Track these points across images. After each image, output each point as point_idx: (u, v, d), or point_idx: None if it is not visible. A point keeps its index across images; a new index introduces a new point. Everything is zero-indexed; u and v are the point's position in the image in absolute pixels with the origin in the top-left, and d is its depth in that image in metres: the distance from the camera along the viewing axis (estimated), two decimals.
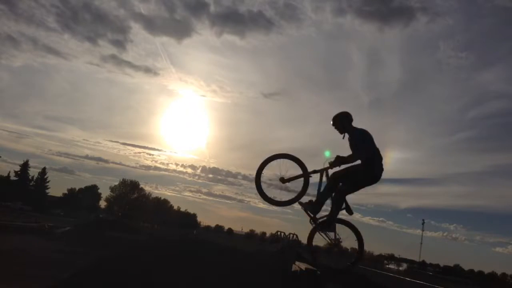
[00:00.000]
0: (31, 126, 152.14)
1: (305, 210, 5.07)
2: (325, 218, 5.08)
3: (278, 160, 5.13)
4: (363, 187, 5.04)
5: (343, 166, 4.99)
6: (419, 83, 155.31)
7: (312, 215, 5.07)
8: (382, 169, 4.97)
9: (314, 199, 5.08)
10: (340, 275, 5.38)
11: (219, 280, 10.41)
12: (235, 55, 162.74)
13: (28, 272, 9.24)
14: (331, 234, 5.16)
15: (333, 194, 4.99)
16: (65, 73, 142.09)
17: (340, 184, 5.01)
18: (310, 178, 5.09)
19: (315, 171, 5.04)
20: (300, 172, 5.08)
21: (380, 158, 4.99)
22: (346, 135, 5.13)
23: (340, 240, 5.20)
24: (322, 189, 5.05)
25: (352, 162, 4.91)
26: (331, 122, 5.21)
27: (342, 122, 5.10)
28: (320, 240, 5.22)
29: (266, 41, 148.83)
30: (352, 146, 5.05)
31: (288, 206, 5.39)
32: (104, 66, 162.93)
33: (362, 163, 4.92)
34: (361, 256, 5.16)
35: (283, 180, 5.02)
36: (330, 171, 5.00)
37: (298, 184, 5.08)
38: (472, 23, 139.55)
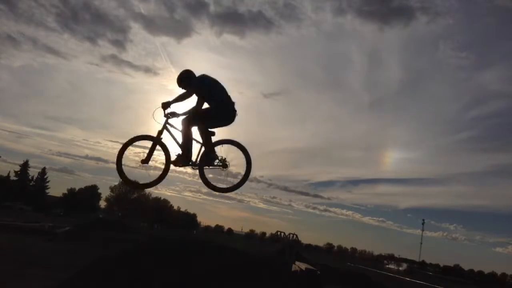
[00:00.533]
0: (31, 126, 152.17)
1: (181, 166, 5.06)
2: (202, 152, 5.08)
3: (132, 146, 5.12)
4: (218, 125, 5.12)
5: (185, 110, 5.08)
6: (419, 83, 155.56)
7: (189, 164, 5.05)
8: (233, 109, 5.09)
9: (180, 153, 5.04)
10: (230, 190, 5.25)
11: (219, 280, 10.42)
12: (235, 55, 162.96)
13: (28, 272, 9.24)
14: (216, 161, 5.09)
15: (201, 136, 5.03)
16: (65, 73, 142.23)
17: (198, 126, 5.05)
18: (163, 140, 5.05)
19: (159, 131, 5.03)
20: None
21: (226, 95, 5.09)
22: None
23: (224, 158, 5.07)
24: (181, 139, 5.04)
25: (181, 100, 5.01)
26: (177, 84, 5.21)
27: (186, 81, 5.12)
28: (215, 174, 5.15)
29: (266, 41, 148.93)
30: (198, 94, 5.14)
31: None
32: (104, 66, 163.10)
33: (208, 102, 5.07)
34: (249, 169, 5.04)
35: (143, 161, 5.01)
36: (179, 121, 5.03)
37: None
38: (472, 23, 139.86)
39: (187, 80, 5.12)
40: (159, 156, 5.09)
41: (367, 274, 31.83)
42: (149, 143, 5.07)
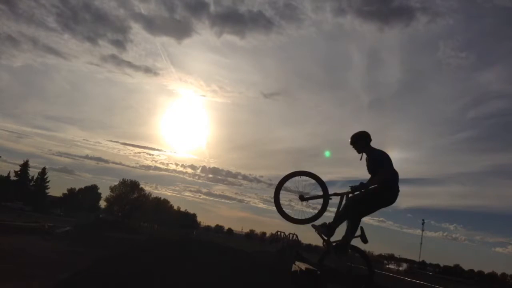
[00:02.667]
0: (31, 126, 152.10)
1: (319, 233, 4.97)
2: (339, 241, 4.98)
3: (300, 177, 5.10)
4: (378, 209, 4.98)
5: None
6: (419, 83, 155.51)
7: (326, 238, 4.96)
8: (398, 191, 4.94)
9: (327, 221, 4.97)
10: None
11: (219, 280, 10.41)
12: (235, 55, 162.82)
13: (28, 272, 9.23)
14: (344, 259, 5.05)
15: (349, 217, 4.88)
16: (65, 73, 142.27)
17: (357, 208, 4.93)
18: (330, 201, 5.03)
19: (336, 194, 4.99)
20: (320, 192, 5.02)
21: (397, 180, 4.94)
22: (364, 155, 5.06)
23: (352, 268, 5.08)
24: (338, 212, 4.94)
25: (371, 186, 4.82)
26: (350, 141, 5.12)
27: (361, 142, 5.03)
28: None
29: (266, 41, 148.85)
30: (369, 167, 5.00)
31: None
32: (104, 66, 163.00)
33: (379, 186, 4.84)
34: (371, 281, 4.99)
35: (302, 197, 5.01)
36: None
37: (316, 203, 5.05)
38: (472, 23, 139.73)
39: (365, 142, 4.99)
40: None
41: (367, 274, 31.77)
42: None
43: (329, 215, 5.11)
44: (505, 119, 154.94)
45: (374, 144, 5.22)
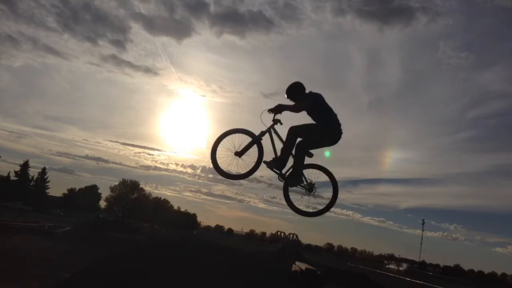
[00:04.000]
0: (31, 126, 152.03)
1: (271, 168, 5.06)
2: (291, 170, 5.10)
3: (230, 136, 5.15)
4: (321, 143, 5.16)
5: (300, 122, 5.12)
6: (419, 83, 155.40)
7: (278, 172, 5.05)
8: (339, 131, 5.13)
9: (276, 157, 5.10)
10: (312, 216, 5.29)
11: (219, 280, 10.41)
12: (235, 55, 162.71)
13: (28, 272, 9.24)
14: (303, 183, 5.12)
15: (294, 148, 5.06)
16: (65, 73, 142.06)
17: (300, 139, 5.10)
18: (262, 142, 5.10)
19: (262, 132, 5.08)
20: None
21: (335, 118, 5.15)
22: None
23: (313, 183, 5.11)
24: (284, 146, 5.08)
25: (295, 111, 5.05)
26: (286, 96, 5.26)
27: (296, 93, 5.17)
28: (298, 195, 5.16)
29: (266, 41, 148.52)
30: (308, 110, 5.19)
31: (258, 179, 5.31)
32: (104, 66, 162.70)
33: (317, 121, 5.11)
34: (335, 197, 5.09)
35: (237, 153, 5.04)
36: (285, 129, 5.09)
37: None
38: (472, 23, 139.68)
39: (299, 93, 5.13)
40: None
41: (367, 274, 31.82)
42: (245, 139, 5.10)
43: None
44: (505, 119, 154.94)
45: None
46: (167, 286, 9.19)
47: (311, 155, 5.11)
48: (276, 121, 5.07)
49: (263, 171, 5.29)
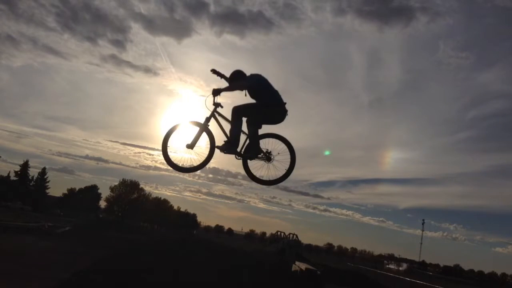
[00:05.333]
0: (31, 126, 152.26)
1: (225, 152, 5.12)
2: (246, 144, 5.15)
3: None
4: (266, 122, 5.21)
5: (243, 102, 5.16)
6: (419, 83, 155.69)
7: (233, 152, 5.11)
8: (283, 109, 5.17)
9: (227, 140, 5.14)
10: (272, 184, 5.33)
11: (219, 280, 10.41)
12: (235, 55, 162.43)
13: (28, 272, 9.24)
14: (260, 154, 5.15)
15: (239, 124, 5.12)
16: (65, 73, 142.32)
17: (245, 118, 5.17)
18: (209, 127, 5.13)
19: (207, 118, 5.13)
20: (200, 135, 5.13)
21: (277, 97, 5.19)
22: (246, 92, 5.27)
23: (269, 151, 5.14)
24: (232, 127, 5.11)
25: (230, 90, 5.12)
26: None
27: (236, 80, 5.24)
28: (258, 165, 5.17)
29: (266, 41, 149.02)
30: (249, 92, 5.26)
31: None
32: (104, 66, 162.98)
33: (258, 100, 5.16)
34: (293, 163, 5.10)
35: (188, 146, 5.08)
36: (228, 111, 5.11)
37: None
38: (472, 23, 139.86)
39: (239, 76, 5.24)
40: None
41: (367, 274, 31.82)
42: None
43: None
44: (505, 119, 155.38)
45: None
46: (167, 286, 9.19)
47: (259, 127, 5.18)
48: (216, 105, 5.12)
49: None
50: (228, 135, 5.10)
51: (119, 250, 14.85)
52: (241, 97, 5.21)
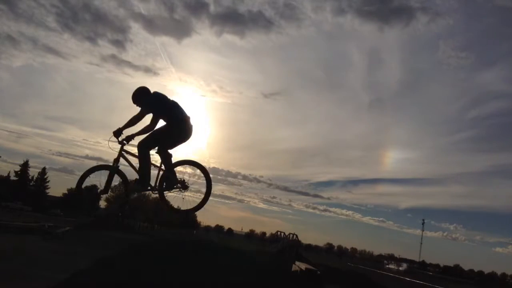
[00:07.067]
0: (31, 126, 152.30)
1: (139, 191, 5.11)
2: (161, 175, 5.02)
3: (92, 175, 5.10)
4: (177, 144, 5.03)
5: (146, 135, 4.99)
6: (419, 83, 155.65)
7: (147, 189, 5.00)
8: (188, 126, 5.00)
9: (137, 178, 5.01)
10: (193, 212, 5.24)
11: (219, 280, 10.41)
12: (235, 55, 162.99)
13: (28, 272, 9.23)
14: (176, 184, 5.06)
15: (148, 159, 4.94)
16: (65, 73, 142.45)
17: (156, 148, 4.99)
18: (119, 168, 5.01)
19: (115, 160, 4.98)
20: (105, 177, 5.00)
21: (180, 115, 4.99)
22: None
23: (184, 180, 5.08)
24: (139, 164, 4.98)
25: (133, 123, 4.90)
26: (132, 102, 5.11)
27: (143, 98, 5.02)
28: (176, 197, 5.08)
29: (266, 41, 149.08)
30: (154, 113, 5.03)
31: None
32: (104, 66, 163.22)
33: (164, 121, 4.95)
34: (209, 188, 5.06)
35: (102, 192, 5.05)
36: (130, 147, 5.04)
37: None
38: (472, 23, 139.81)
39: (141, 97, 4.98)
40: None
41: (367, 274, 31.82)
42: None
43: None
44: (505, 119, 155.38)
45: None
46: (166, 286, 9.19)
47: (170, 151, 5.02)
48: (121, 143, 4.96)
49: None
50: (139, 173, 4.90)
51: (119, 250, 14.84)
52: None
